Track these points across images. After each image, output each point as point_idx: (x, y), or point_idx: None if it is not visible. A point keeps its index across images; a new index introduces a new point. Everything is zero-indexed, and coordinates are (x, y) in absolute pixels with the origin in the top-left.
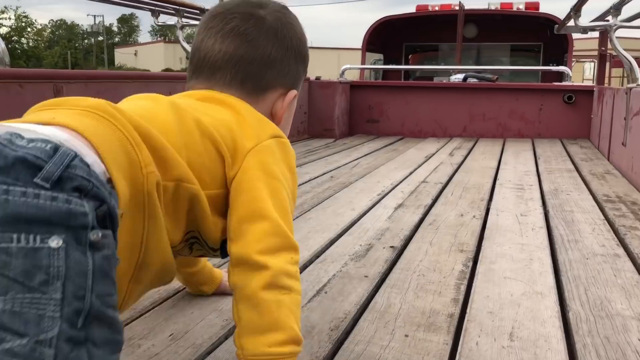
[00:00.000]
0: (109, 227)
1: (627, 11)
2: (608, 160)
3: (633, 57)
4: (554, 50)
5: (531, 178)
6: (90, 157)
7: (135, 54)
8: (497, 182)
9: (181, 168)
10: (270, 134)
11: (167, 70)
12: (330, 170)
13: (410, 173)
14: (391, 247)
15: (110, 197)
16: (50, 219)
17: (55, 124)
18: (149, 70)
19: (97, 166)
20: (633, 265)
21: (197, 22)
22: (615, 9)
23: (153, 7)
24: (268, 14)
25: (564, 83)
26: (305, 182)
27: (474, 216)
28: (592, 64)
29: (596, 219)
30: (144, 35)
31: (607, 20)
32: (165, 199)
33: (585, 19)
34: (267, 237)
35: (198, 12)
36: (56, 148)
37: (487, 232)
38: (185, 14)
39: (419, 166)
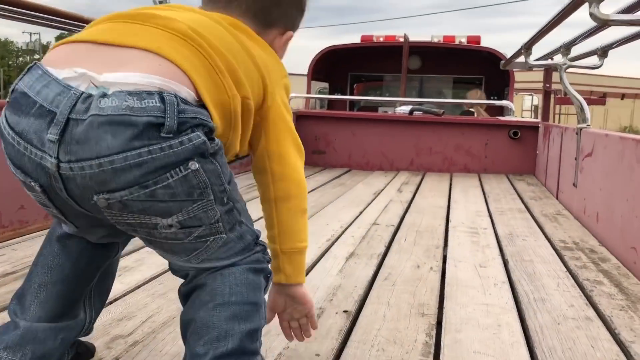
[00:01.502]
0: (213, 136)
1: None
2: (557, 199)
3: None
4: (495, 84)
5: (484, 220)
6: (185, 91)
7: None
8: (450, 224)
9: (247, 87)
10: (285, 74)
11: None
12: None
13: (360, 213)
14: (345, 311)
15: (209, 118)
16: (184, 156)
17: (157, 52)
18: None
19: (191, 96)
20: (608, 332)
21: None
22: (565, 48)
23: None
24: None
25: (509, 118)
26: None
27: (431, 268)
28: (531, 97)
29: (558, 271)
30: None
31: (556, 59)
32: (243, 115)
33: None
34: (295, 147)
35: None
36: (162, 99)
37: (447, 288)
38: None
39: (368, 205)
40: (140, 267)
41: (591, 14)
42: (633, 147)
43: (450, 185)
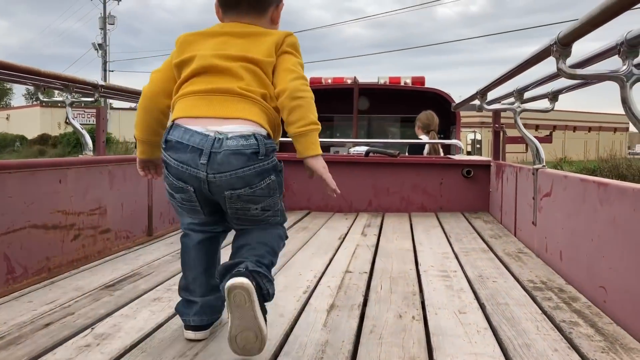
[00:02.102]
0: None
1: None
2: (515, 236)
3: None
4: (441, 123)
5: (452, 262)
6: (263, 130)
7: (8, 118)
8: (421, 268)
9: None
10: (284, 37)
11: (43, 135)
12: None
13: (330, 260)
14: None
15: (273, 142)
16: (270, 169)
17: (235, 116)
18: (23, 136)
19: (265, 132)
20: None
21: (90, 99)
22: (519, 93)
23: (37, 82)
24: None
25: (461, 157)
26: None
27: (413, 317)
28: (474, 133)
29: (534, 313)
30: (18, 99)
31: (509, 102)
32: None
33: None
34: (303, 80)
35: (91, 88)
36: (256, 138)
37: (433, 339)
38: (76, 90)
39: (337, 250)
40: (119, 334)
41: (559, 69)
42: (595, 189)
43: (411, 225)
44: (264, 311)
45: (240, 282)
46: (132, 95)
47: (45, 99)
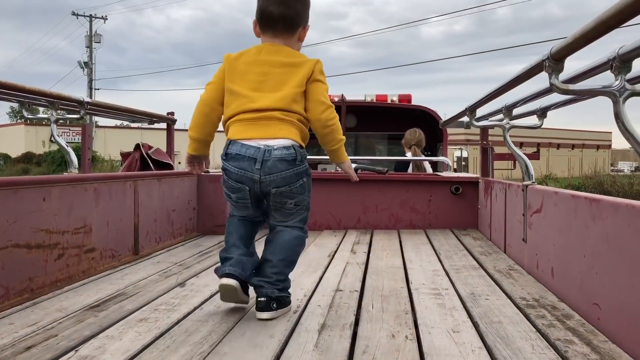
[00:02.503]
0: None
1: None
2: (505, 253)
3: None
4: (428, 140)
5: (443, 280)
6: (298, 142)
7: None
8: (412, 286)
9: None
10: (313, 64)
11: (27, 154)
12: None
13: (320, 278)
14: None
15: (305, 150)
16: (303, 172)
17: (277, 136)
18: (7, 155)
19: (299, 143)
20: None
21: (75, 116)
22: (507, 109)
23: (22, 99)
24: None
25: (450, 174)
26: (208, 300)
27: (406, 337)
28: (461, 150)
29: (529, 332)
30: (1, 117)
31: (497, 118)
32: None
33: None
34: (330, 108)
35: (76, 104)
36: (294, 148)
37: (427, 359)
38: (61, 106)
39: (326, 268)
40: (104, 356)
41: (551, 84)
42: (587, 205)
43: (401, 243)
44: (284, 303)
45: (261, 316)
46: (118, 112)
47: (29, 116)
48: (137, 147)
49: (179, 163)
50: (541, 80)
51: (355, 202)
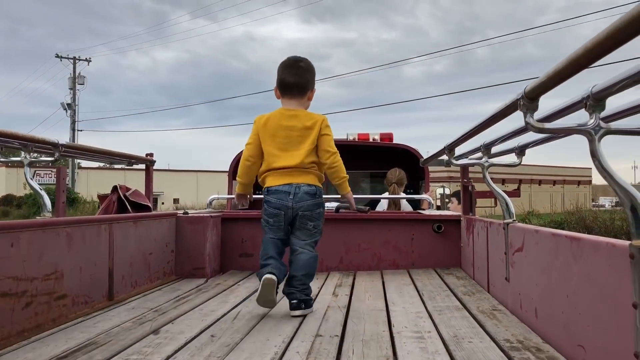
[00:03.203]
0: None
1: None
2: (489, 292)
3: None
4: (410, 178)
5: (425, 322)
6: (316, 183)
7: None
8: (394, 329)
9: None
10: (319, 120)
11: (7, 196)
12: (209, 326)
13: (300, 323)
14: None
15: (322, 188)
16: (320, 203)
17: (302, 182)
18: None
19: (317, 184)
20: None
21: (50, 158)
22: (486, 148)
23: None
24: (302, 61)
25: (431, 212)
26: (182, 348)
27: None
28: (443, 188)
29: None
30: None
31: (476, 157)
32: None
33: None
34: (335, 154)
35: (51, 147)
36: (315, 187)
37: None
38: (35, 149)
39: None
40: None
41: (527, 123)
42: (568, 244)
43: (383, 284)
44: (308, 306)
45: (294, 314)
46: (95, 154)
47: (2, 159)
48: (115, 189)
49: (162, 203)
50: (520, 119)
51: (337, 242)
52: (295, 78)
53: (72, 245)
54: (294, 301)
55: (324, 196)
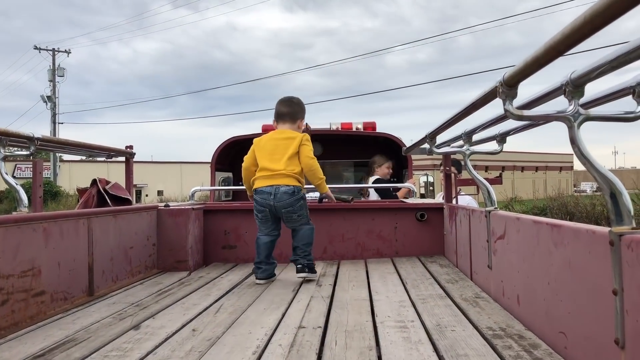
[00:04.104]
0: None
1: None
2: (472, 280)
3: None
4: (393, 166)
5: (409, 311)
6: (295, 184)
7: None
8: (377, 319)
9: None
10: (302, 138)
11: None
12: (190, 320)
13: (283, 315)
14: None
15: (301, 187)
16: (299, 198)
17: (281, 183)
18: None
19: (297, 184)
20: None
21: (25, 152)
22: (467, 136)
23: None
24: (294, 98)
25: (415, 201)
26: (163, 343)
27: None
28: (426, 176)
29: None
30: None
31: (457, 145)
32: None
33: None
34: (312, 159)
35: (26, 140)
36: (293, 187)
37: None
38: (9, 143)
39: (290, 304)
40: None
41: (506, 110)
42: (548, 231)
43: (367, 273)
44: (312, 268)
45: (300, 275)
46: (72, 147)
47: None
48: (94, 182)
49: (146, 195)
50: (501, 106)
51: (321, 232)
52: (287, 109)
53: (49, 241)
54: (299, 266)
55: (307, 186)
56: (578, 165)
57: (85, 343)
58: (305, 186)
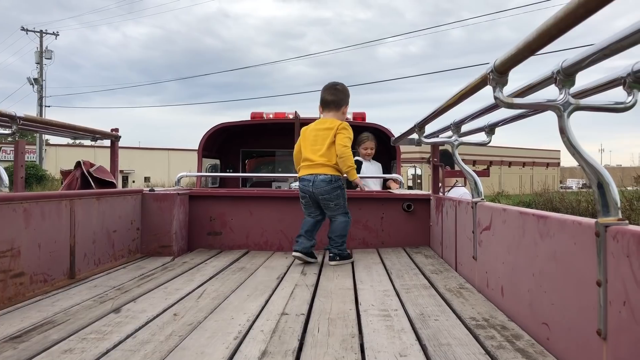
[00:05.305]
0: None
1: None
2: (456, 271)
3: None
4: (381, 157)
5: (392, 300)
6: (332, 173)
7: None
8: (361, 307)
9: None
10: (342, 126)
11: None
12: (172, 305)
13: (266, 302)
14: None
15: (341, 176)
16: (337, 187)
17: (319, 172)
18: None
19: (334, 173)
20: None
21: (7, 132)
22: (456, 126)
23: None
24: (339, 85)
25: (402, 192)
26: (143, 327)
27: None
28: (414, 168)
29: (478, 354)
30: None
31: (446, 135)
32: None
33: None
34: (344, 147)
35: (8, 120)
36: (331, 176)
37: None
38: None
39: (273, 291)
40: None
41: (496, 98)
42: (534, 222)
43: (353, 263)
44: (344, 257)
45: (331, 263)
46: (57, 128)
47: None
48: (78, 164)
49: (133, 182)
50: (490, 98)
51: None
52: (332, 97)
53: (30, 222)
54: (331, 254)
55: (293, 175)
56: (565, 162)
57: (63, 325)
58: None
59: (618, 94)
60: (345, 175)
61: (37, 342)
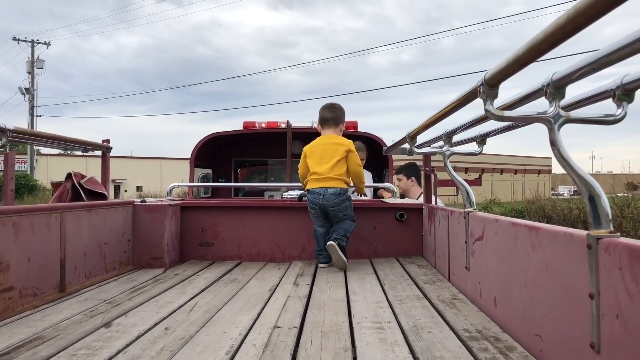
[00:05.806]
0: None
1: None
2: (449, 281)
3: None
4: (373, 166)
5: (386, 312)
6: (342, 186)
7: None
8: (354, 320)
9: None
10: (347, 143)
11: None
12: (163, 318)
13: (259, 315)
14: None
15: (347, 188)
16: (345, 199)
17: (329, 185)
18: None
19: (343, 186)
20: None
21: None
22: (447, 136)
23: None
24: (335, 104)
25: (394, 201)
26: (134, 341)
27: None
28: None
29: None
30: None
31: (437, 145)
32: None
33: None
34: (359, 167)
35: None
36: (340, 189)
37: None
38: None
39: (266, 304)
40: None
41: (486, 110)
42: (526, 233)
43: (345, 273)
44: (344, 250)
45: (330, 243)
46: (47, 140)
47: None
48: (69, 176)
49: (125, 191)
50: (481, 108)
51: (300, 230)
52: (330, 114)
53: (19, 235)
54: (334, 238)
55: (289, 184)
56: (556, 169)
57: (53, 341)
58: (296, 189)
59: (608, 105)
60: (352, 186)
61: (25, 359)
